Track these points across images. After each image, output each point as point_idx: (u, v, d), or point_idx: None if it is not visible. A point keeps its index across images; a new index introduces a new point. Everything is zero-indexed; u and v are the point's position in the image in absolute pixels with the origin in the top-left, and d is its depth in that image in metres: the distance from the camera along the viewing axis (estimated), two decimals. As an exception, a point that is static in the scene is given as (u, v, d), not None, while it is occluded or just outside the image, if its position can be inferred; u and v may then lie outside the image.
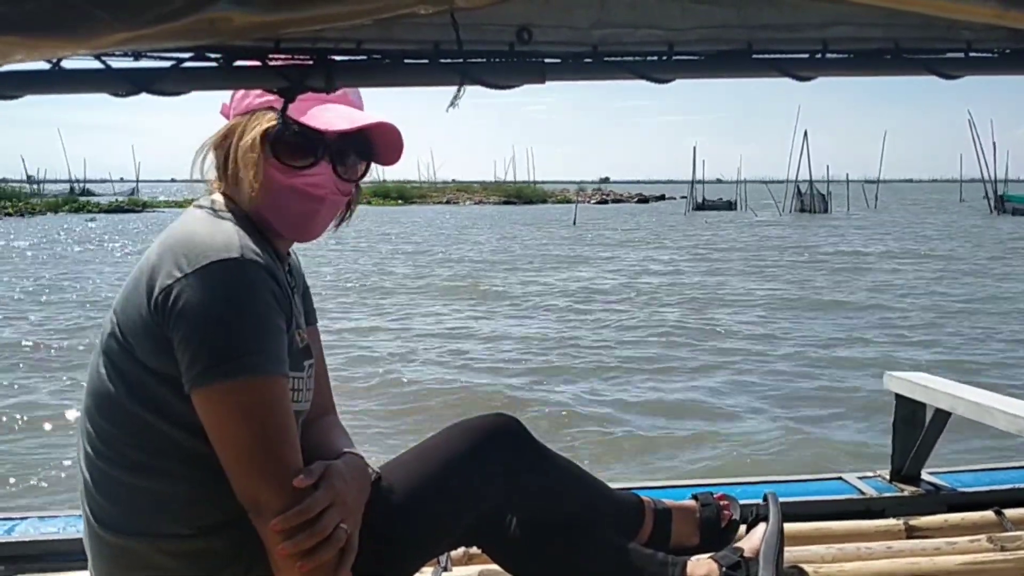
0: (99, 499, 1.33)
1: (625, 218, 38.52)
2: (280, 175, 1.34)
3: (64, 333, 8.87)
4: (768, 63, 0.92)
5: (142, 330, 1.25)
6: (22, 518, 2.29)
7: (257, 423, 1.23)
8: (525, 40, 0.87)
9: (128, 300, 1.28)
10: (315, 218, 1.39)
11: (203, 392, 1.22)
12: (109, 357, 1.30)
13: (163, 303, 1.22)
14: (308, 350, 1.44)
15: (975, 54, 0.96)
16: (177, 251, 1.25)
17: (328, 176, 1.37)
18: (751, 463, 4.85)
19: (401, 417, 5.74)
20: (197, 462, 1.27)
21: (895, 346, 8.17)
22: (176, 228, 1.32)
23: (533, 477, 1.58)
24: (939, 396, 2.53)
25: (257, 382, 1.23)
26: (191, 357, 1.21)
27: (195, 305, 1.21)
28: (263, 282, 1.26)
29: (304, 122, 1.32)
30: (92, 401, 1.33)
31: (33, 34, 0.69)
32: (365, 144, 1.40)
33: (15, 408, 5.93)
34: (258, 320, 1.24)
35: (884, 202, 55.01)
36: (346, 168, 1.39)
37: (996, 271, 15.02)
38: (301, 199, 1.36)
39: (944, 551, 1.94)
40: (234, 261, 1.23)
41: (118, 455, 1.30)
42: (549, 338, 8.66)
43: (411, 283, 13.60)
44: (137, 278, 1.28)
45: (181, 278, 1.22)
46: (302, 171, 1.35)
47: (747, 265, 16.42)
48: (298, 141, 1.34)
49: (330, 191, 1.38)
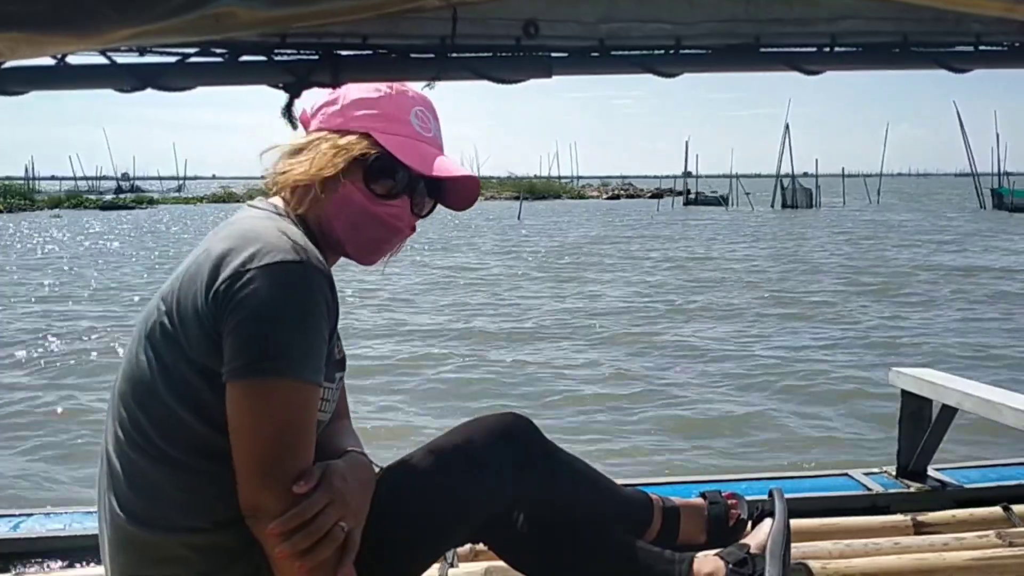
0: (126, 489, 1.32)
1: (590, 215, 36.99)
2: (363, 198, 1.38)
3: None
4: (776, 57, 0.92)
5: (193, 319, 1.26)
6: (28, 514, 2.30)
7: (279, 426, 1.23)
8: (532, 34, 0.87)
9: (184, 288, 1.28)
10: (387, 246, 1.45)
11: (238, 385, 1.22)
12: (152, 345, 1.30)
13: (224, 292, 1.23)
14: (343, 362, 1.46)
15: (984, 48, 0.95)
16: (246, 245, 1.25)
17: (406, 210, 1.42)
18: (756, 459, 4.84)
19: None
20: (221, 459, 1.26)
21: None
22: (241, 224, 1.33)
23: (543, 476, 1.57)
24: (945, 392, 2.52)
25: (294, 387, 1.23)
26: (236, 349, 1.22)
27: (255, 299, 1.22)
28: (322, 290, 1.27)
29: (400, 158, 1.37)
30: (129, 387, 1.33)
31: (39, 30, 0.69)
32: (441, 187, 1.46)
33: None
34: (309, 326, 1.25)
35: (888, 196, 54.07)
36: (422, 206, 1.45)
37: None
38: (379, 227, 1.41)
39: (952, 547, 1.93)
40: (301, 264, 1.24)
41: (151, 446, 1.30)
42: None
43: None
44: (198, 266, 1.28)
45: (250, 270, 1.22)
46: (385, 201, 1.39)
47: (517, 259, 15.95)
48: (392, 174, 1.39)
49: (406, 224, 1.43)
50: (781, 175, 43.85)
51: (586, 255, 17.56)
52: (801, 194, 42.77)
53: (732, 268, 14.75)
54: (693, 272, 14.19)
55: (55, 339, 8.34)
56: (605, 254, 17.78)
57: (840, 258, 16.38)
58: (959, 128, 39.84)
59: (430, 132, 1.43)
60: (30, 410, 5.89)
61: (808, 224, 28.42)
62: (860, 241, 20.77)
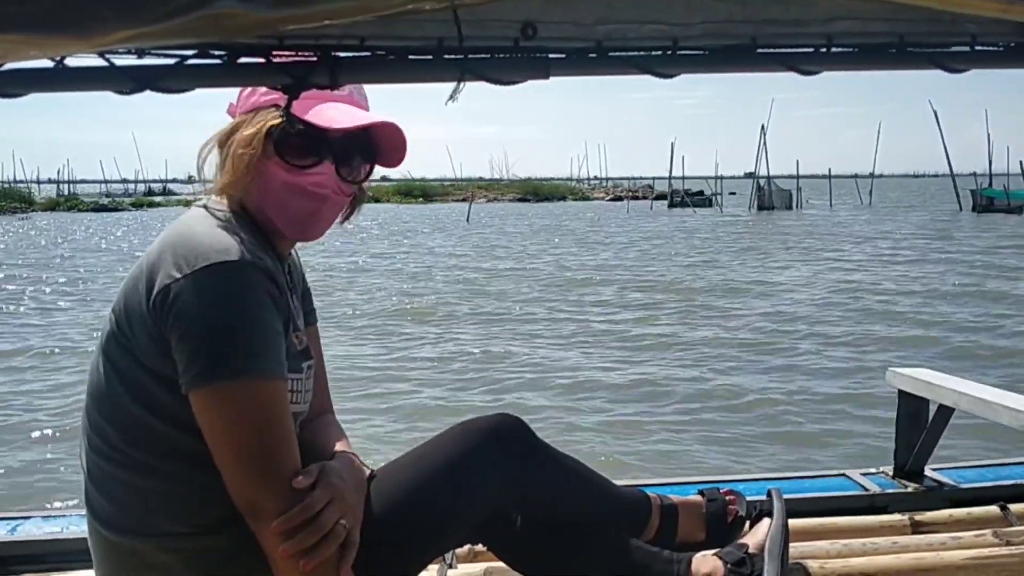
0: (100, 498, 1.33)
1: (551, 217, 36.06)
2: (283, 173, 1.34)
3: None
4: (772, 58, 0.92)
5: (140, 329, 1.26)
6: (25, 517, 2.29)
7: (254, 425, 1.23)
8: (529, 36, 0.87)
9: (128, 298, 1.29)
10: (317, 217, 1.39)
11: (200, 394, 1.22)
12: (108, 356, 1.30)
13: (161, 303, 1.22)
14: (307, 352, 1.44)
15: (980, 48, 0.96)
16: (177, 251, 1.25)
17: (331, 176, 1.37)
18: (754, 460, 4.85)
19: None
20: (195, 461, 1.27)
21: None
22: (177, 227, 1.32)
23: (537, 477, 1.57)
24: (942, 392, 2.53)
25: (254, 384, 1.23)
26: (188, 358, 1.22)
27: (193, 306, 1.21)
28: (261, 285, 1.26)
29: (308, 119, 1.32)
30: (92, 400, 1.34)
31: (37, 32, 0.68)
32: (369, 146, 1.41)
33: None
34: (256, 323, 1.24)
35: (880, 198, 53.52)
36: (349, 170, 1.39)
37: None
38: (303, 198, 1.36)
39: (949, 546, 1.94)
40: (233, 264, 1.23)
41: (118, 454, 1.30)
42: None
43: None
44: (137, 276, 1.28)
45: (180, 279, 1.22)
46: (305, 170, 1.35)
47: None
48: (302, 139, 1.34)
49: (332, 190, 1.38)
50: (758, 176, 42.02)
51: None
52: (778, 196, 40.85)
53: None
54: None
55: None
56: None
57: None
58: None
59: (344, 90, 1.37)
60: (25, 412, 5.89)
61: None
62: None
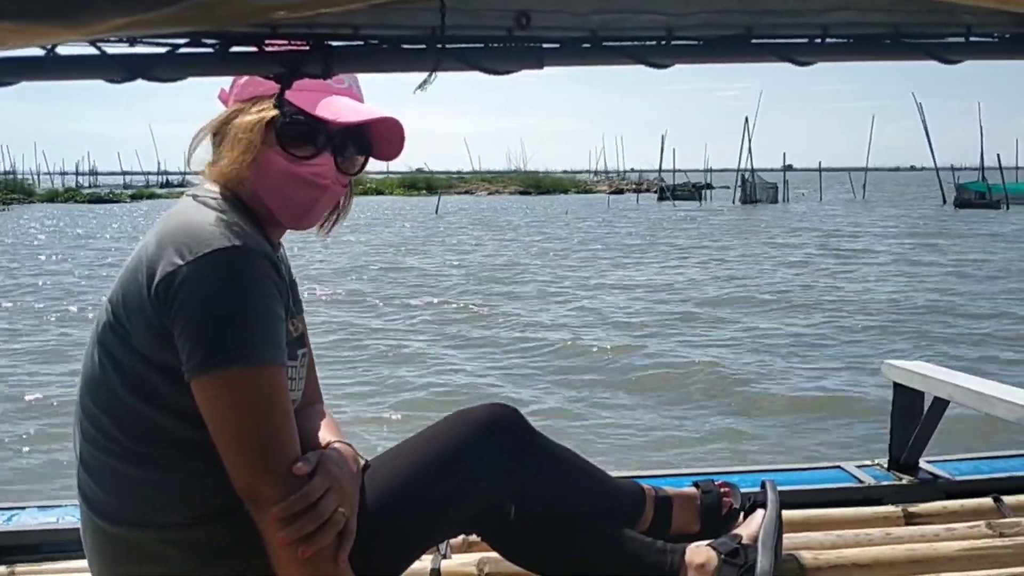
0: (96, 489, 1.33)
1: (523, 212, 35.56)
2: (284, 162, 1.35)
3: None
4: (767, 48, 0.92)
5: (140, 319, 1.25)
6: (21, 507, 2.29)
7: (258, 412, 1.23)
8: (523, 25, 0.87)
9: (126, 289, 1.28)
10: (315, 206, 1.40)
11: (204, 381, 1.22)
12: (104, 346, 1.30)
13: (164, 292, 1.22)
14: (302, 339, 1.45)
15: (976, 39, 0.95)
16: (178, 239, 1.24)
17: (330, 166, 1.38)
18: (749, 452, 4.86)
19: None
20: (192, 451, 1.27)
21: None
22: (174, 217, 1.32)
23: (532, 467, 1.57)
24: (937, 384, 2.53)
25: (259, 371, 1.23)
26: (192, 346, 1.21)
27: (197, 294, 1.21)
28: (264, 270, 1.26)
29: (311, 112, 1.33)
30: (87, 390, 1.33)
31: (27, 21, 0.68)
32: (366, 139, 1.42)
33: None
34: (260, 309, 1.24)
35: (872, 191, 53.14)
36: (345, 160, 1.40)
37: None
38: (304, 187, 1.37)
39: (943, 537, 1.94)
40: (236, 249, 1.23)
41: (114, 444, 1.30)
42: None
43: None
44: (135, 267, 1.28)
45: (183, 266, 1.22)
46: (306, 160, 1.35)
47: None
48: (305, 131, 1.35)
49: (332, 181, 1.39)
50: (742, 169, 41.41)
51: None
52: (762, 189, 39.97)
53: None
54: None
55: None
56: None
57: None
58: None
59: (343, 83, 1.38)
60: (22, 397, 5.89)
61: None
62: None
